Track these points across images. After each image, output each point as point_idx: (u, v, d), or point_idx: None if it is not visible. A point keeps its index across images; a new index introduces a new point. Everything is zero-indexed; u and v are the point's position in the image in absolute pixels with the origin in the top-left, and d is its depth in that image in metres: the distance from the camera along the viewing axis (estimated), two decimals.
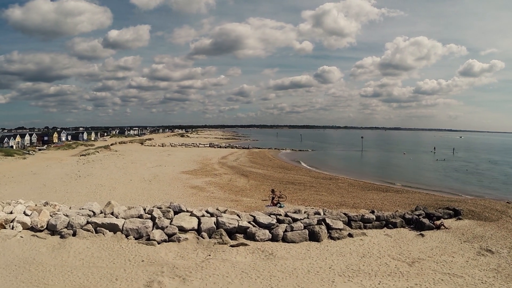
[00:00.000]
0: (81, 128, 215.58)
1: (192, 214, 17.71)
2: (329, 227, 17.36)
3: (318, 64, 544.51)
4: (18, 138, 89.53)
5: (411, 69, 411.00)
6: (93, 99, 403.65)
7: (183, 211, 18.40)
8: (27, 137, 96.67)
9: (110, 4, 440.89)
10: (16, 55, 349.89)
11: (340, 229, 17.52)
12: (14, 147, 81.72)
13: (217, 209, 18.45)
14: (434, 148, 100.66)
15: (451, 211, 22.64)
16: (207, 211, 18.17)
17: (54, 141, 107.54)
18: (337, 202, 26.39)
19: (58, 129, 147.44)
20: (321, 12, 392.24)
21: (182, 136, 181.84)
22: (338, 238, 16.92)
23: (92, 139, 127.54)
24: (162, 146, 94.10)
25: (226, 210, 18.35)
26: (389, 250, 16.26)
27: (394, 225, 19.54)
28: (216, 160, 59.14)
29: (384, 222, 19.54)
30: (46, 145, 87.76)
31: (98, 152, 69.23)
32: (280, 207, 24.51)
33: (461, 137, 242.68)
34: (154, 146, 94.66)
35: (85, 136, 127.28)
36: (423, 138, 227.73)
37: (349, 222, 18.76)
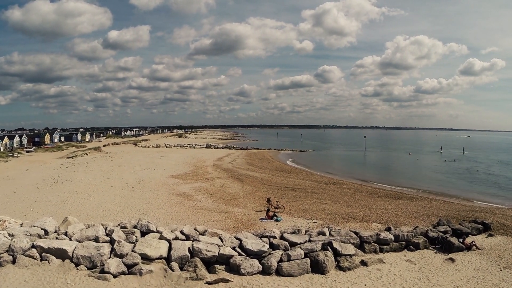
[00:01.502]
0: (81, 129, 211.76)
1: (161, 237, 13.88)
2: (337, 253, 13.51)
3: (319, 63, 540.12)
4: (6, 140, 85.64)
5: (411, 68, 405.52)
6: (94, 100, 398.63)
7: (152, 231, 14.59)
8: (16, 139, 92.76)
9: (110, 5, 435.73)
10: (17, 56, 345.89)
11: (351, 255, 13.69)
12: (2, 149, 77.90)
13: (195, 229, 14.62)
14: (441, 148, 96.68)
15: (479, 226, 18.94)
16: (182, 232, 14.34)
17: (46, 142, 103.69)
18: (343, 213, 22.51)
19: (51, 130, 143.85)
20: (321, 11, 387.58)
21: (180, 136, 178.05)
22: (349, 268, 13.08)
23: (87, 140, 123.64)
24: (157, 147, 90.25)
25: (206, 230, 14.51)
26: (415, 285, 12.49)
27: (416, 247, 15.75)
28: (210, 162, 55.29)
29: (404, 243, 15.71)
30: (34, 147, 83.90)
31: (86, 154, 65.48)
32: (277, 220, 20.72)
33: (469, 136, 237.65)
34: (148, 147, 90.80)
35: (79, 137, 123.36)
36: (425, 138, 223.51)
37: (361, 244, 14.93)
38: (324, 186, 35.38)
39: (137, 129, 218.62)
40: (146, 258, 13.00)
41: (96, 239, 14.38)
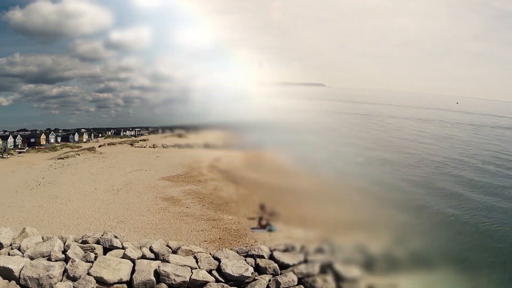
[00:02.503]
0: (82, 130, 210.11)
1: (125, 255, 11.43)
2: (338, 277, 10.99)
3: None
4: None
5: None
6: (96, 100, 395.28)
7: (116, 247, 12.16)
8: (10, 139, 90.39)
9: (111, 5, 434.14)
10: (18, 57, 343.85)
11: (356, 279, 11.15)
12: None
13: (167, 245, 12.14)
14: None
15: None
16: (151, 249, 11.89)
17: (42, 143, 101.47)
18: (347, 221, 19.88)
19: (49, 130, 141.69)
20: None
21: (180, 136, 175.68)
22: None
23: (84, 140, 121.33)
24: (153, 147, 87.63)
25: (179, 247, 12.04)
26: None
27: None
28: (206, 163, 52.60)
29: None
30: (27, 148, 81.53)
31: (79, 154, 63.05)
32: (270, 230, 18.24)
33: None
34: (144, 147, 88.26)
35: (76, 137, 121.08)
36: None
37: (368, 263, 12.37)
38: (325, 188, 32.73)
39: (138, 129, 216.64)
40: (102, 283, 10.59)
41: (49, 257, 11.97)
